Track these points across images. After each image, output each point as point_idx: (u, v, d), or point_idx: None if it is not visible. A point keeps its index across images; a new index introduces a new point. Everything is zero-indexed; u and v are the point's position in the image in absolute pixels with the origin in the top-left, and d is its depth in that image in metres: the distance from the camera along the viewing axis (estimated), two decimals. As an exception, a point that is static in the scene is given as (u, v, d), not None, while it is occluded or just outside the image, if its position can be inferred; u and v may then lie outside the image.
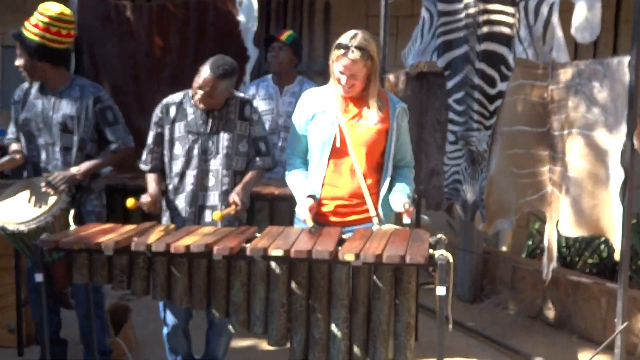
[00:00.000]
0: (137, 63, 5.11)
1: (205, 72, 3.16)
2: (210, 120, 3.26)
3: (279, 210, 3.69)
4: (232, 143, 3.26)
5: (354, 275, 2.60)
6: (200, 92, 3.17)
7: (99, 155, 3.50)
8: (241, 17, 5.12)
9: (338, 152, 3.01)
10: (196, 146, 3.26)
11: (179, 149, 3.28)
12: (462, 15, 4.12)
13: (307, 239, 2.69)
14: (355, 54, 2.88)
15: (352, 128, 3.01)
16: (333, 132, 3.01)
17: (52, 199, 3.22)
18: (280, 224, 3.25)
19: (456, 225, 5.67)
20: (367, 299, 2.61)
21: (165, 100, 3.35)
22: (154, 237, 2.74)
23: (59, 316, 3.63)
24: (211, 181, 3.27)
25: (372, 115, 3.00)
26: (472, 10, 4.04)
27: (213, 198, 3.27)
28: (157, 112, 3.35)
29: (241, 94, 3.39)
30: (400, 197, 2.97)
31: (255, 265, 2.65)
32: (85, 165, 3.43)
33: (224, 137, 3.25)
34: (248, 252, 2.58)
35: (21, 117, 3.51)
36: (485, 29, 4.00)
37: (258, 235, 2.84)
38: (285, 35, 4.44)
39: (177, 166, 3.29)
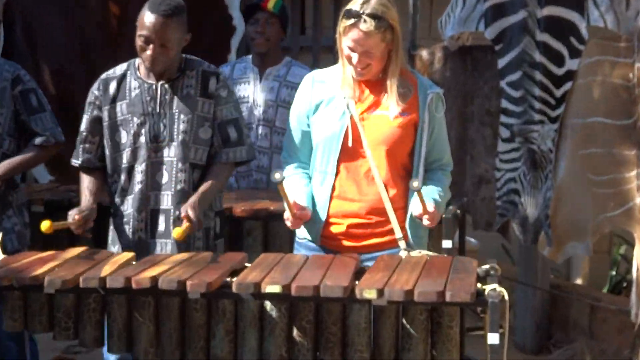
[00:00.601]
0: (86, 38, 5.16)
1: (147, 17, 3.15)
2: (160, 95, 3.27)
3: (275, 232, 3.68)
4: (191, 127, 3.26)
5: (377, 319, 2.59)
6: (149, 48, 3.15)
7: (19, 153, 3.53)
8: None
9: (350, 153, 3.01)
10: (143, 131, 3.26)
11: (122, 136, 3.29)
12: (518, -31, 4.14)
13: (314, 271, 2.69)
14: (368, 24, 2.87)
15: (369, 121, 3.02)
16: (343, 127, 3.00)
17: None
18: (277, 250, 3.25)
19: (514, 251, 5.65)
20: (395, 350, 2.60)
21: (104, 74, 3.36)
22: (109, 268, 2.74)
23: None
24: (164, 177, 3.28)
25: (393, 105, 3.00)
26: (531, -37, 4.06)
27: (167, 199, 3.28)
28: (92, 90, 3.35)
29: (205, 63, 3.38)
30: (423, 197, 2.94)
31: (244, 306, 2.64)
32: (5, 166, 3.45)
33: (180, 119, 3.24)
34: (234, 289, 2.57)
35: None
36: (549, -12, 4.01)
37: (248, 265, 2.84)
38: (272, 2, 4.39)
39: (121, 159, 3.29)
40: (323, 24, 6.69)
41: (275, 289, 2.53)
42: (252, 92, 4.37)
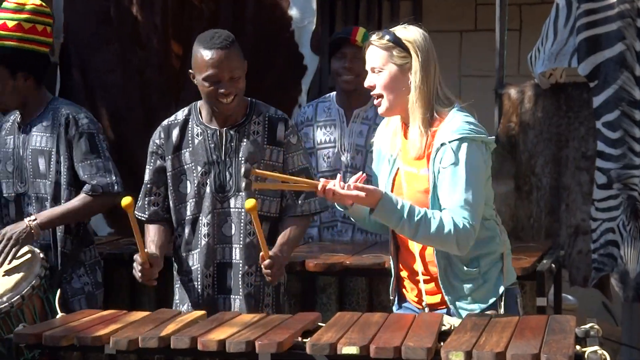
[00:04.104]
0: (146, 79, 5.27)
1: (206, 56, 3.22)
2: (225, 142, 3.34)
3: (351, 288, 3.70)
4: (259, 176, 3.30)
5: (465, 385, 2.58)
6: (221, 87, 3.22)
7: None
8: (294, 12, 5.23)
9: None
10: (208, 181, 3.34)
11: (186, 187, 3.37)
12: (614, -1, 4.14)
13: (394, 330, 2.69)
14: (377, 40, 2.94)
15: (406, 178, 3.03)
16: (390, 179, 3.06)
17: (18, 274, 3.33)
18: (354, 308, 3.26)
19: (616, 309, 5.56)
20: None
21: (165, 121, 3.45)
22: (173, 327, 2.79)
23: None
24: (232, 229, 3.34)
25: (413, 151, 2.99)
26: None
27: (235, 253, 3.34)
28: (154, 139, 3.43)
29: (272, 108, 3.44)
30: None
31: (318, 369, 2.66)
32: (45, 214, 3.53)
33: (242, 170, 3.32)
34: (308, 350, 2.58)
35: None
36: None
37: (322, 324, 2.86)
38: (360, 35, 4.35)
39: (185, 211, 3.37)
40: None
41: (353, 350, 2.52)
42: (339, 137, 4.38)
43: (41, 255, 3.47)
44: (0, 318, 3.20)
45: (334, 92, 4.56)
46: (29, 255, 3.43)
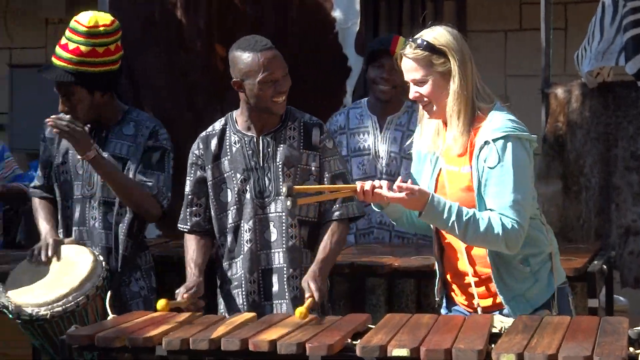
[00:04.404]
0: (191, 82, 5.31)
1: (255, 59, 3.26)
2: (262, 148, 3.36)
3: (401, 290, 3.70)
4: (294, 181, 3.33)
5: (517, 387, 2.57)
6: (277, 85, 3.27)
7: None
8: (337, 13, 5.24)
9: None
10: (247, 187, 3.36)
11: (227, 195, 3.40)
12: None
13: (445, 332, 2.68)
14: (410, 49, 2.93)
15: (448, 177, 3.01)
16: (433, 179, 3.05)
17: (83, 273, 3.37)
18: (402, 310, 3.26)
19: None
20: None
21: (203, 133, 3.49)
22: (223, 330, 2.81)
23: None
24: (273, 234, 3.36)
25: (454, 150, 2.98)
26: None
27: (278, 258, 3.35)
28: (193, 150, 3.48)
29: (306, 115, 3.47)
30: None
31: (369, 371, 2.67)
32: (108, 160, 3.60)
33: (284, 172, 3.34)
34: (358, 352, 2.57)
35: (56, 161, 3.73)
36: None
37: (372, 326, 2.85)
38: (400, 46, 4.32)
39: (227, 219, 3.40)
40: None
41: (403, 352, 2.51)
42: (373, 144, 4.38)
43: (100, 257, 3.52)
44: (66, 317, 3.24)
45: (365, 99, 4.56)
46: (91, 257, 3.46)
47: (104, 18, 3.67)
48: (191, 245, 3.44)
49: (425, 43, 2.91)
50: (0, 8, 7.27)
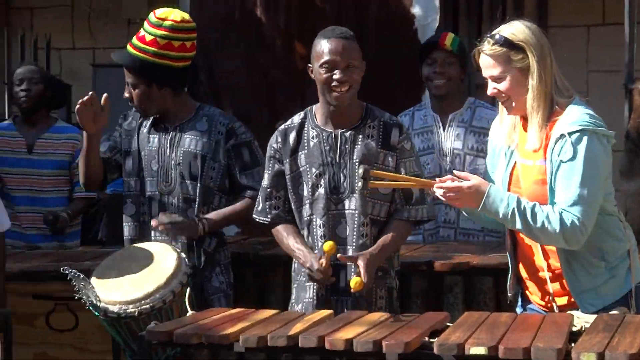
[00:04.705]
0: (271, 80, 5.36)
1: (325, 44, 3.30)
2: (340, 144, 3.38)
3: (478, 288, 3.68)
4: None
5: (598, 387, 2.53)
6: (335, 73, 3.27)
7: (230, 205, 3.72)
8: (416, 9, 5.25)
9: None
10: (322, 182, 3.38)
11: (303, 189, 3.42)
12: None
13: (523, 331, 2.66)
14: (488, 45, 2.92)
15: (523, 171, 2.99)
16: (507, 172, 3.04)
17: (169, 270, 3.42)
18: (481, 308, 3.24)
19: None
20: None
21: (282, 126, 3.51)
22: (301, 326, 2.82)
23: None
24: (346, 230, 3.38)
25: (531, 144, 2.95)
26: None
27: (349, 254, 3.35)
28: (271, 143, 3.49)
29: (387, 114, 3.46)
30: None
31: (447, 370, 2.66)
32: (214, 216, 3.65)
33: (360, 170, 3.33)
34: (435, 350, 2.57)
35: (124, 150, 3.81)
36: None
37: (450, 324, 2.84)
38: (450, 39, 4.35)
39: (303, 213, 3.43)
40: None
41: (481, 350, 2.50)
42: (437, 142, 4.37)
43: (183, 254, 3.56)
44: (153, 314, 3.28)
45: (428, 100, 4.57)
46: (175, 254, 3.51)
47: (182, 15, 3.75)
48: (287, 233, 3.45)
49: (503, 39, 2.89)
50: (83, 9, 7.43)
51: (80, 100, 3.60)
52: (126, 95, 3.75)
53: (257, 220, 3.52)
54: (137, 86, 3.70)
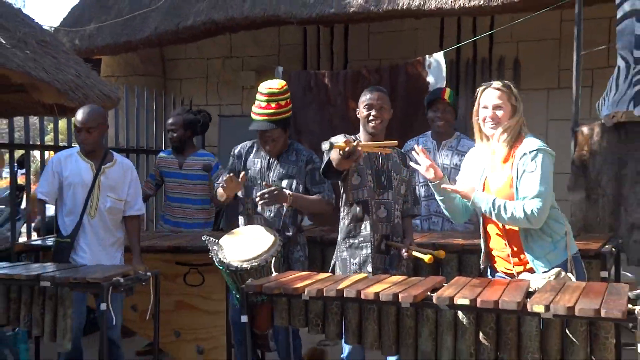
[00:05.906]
0: (333, 126, 5.38)
1: (370, 95, 3.48)
2: (376, 156, 3.49)
3: (467, 262, 3.62)
4: (398, 183, 3.49)
5: (545, 329, 2.48)
6: (372, 113, 3.44)
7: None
8: (430, 78, 5.22)
9: None
10: (371, 178, 3.46)
11: (356, 179, 3.46)
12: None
13: (495, 290, 2.62)
14: (497, 85, 2.98)
15: (494, 177, 3.03)
16: (481, 181, 3.06)
17: (269, 242, 3.43)
18: (467, 275, 3.20)
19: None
20: (561, 354, 2.46)
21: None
22: (346, 283, 2.82)
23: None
24: (385, 212, 3.46)
25: (499, 156, 3.01)
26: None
27: (385, 230, 3.46)
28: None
29: (400, 149, 3.65)
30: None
31: (442, 314, 2.62)
32: (297, 195, 3.66)
33: (392, 176, 3.49)
34: (435, 301, 2.56)
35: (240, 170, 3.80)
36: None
37: (445, 284, 2.81)
38: (448, 94, 4.34)
39: (358, 196, 3.46)
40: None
41: (465, 302, 2.50)
42: (433, 159, 4.31)
43: (276, 234, 3.56)
44: (259, 269, 3.29)
45: (430, 131, 4.48)
46: (271, 234, 3.53)
47: (280, 82, 3.75)
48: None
49: (508, 85, 3.00)
50: (213, 80, 7.58)
51: (227, 176, 3.59)
52: (268, 148, 3.73)
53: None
54: (279, 135, 3.69)
